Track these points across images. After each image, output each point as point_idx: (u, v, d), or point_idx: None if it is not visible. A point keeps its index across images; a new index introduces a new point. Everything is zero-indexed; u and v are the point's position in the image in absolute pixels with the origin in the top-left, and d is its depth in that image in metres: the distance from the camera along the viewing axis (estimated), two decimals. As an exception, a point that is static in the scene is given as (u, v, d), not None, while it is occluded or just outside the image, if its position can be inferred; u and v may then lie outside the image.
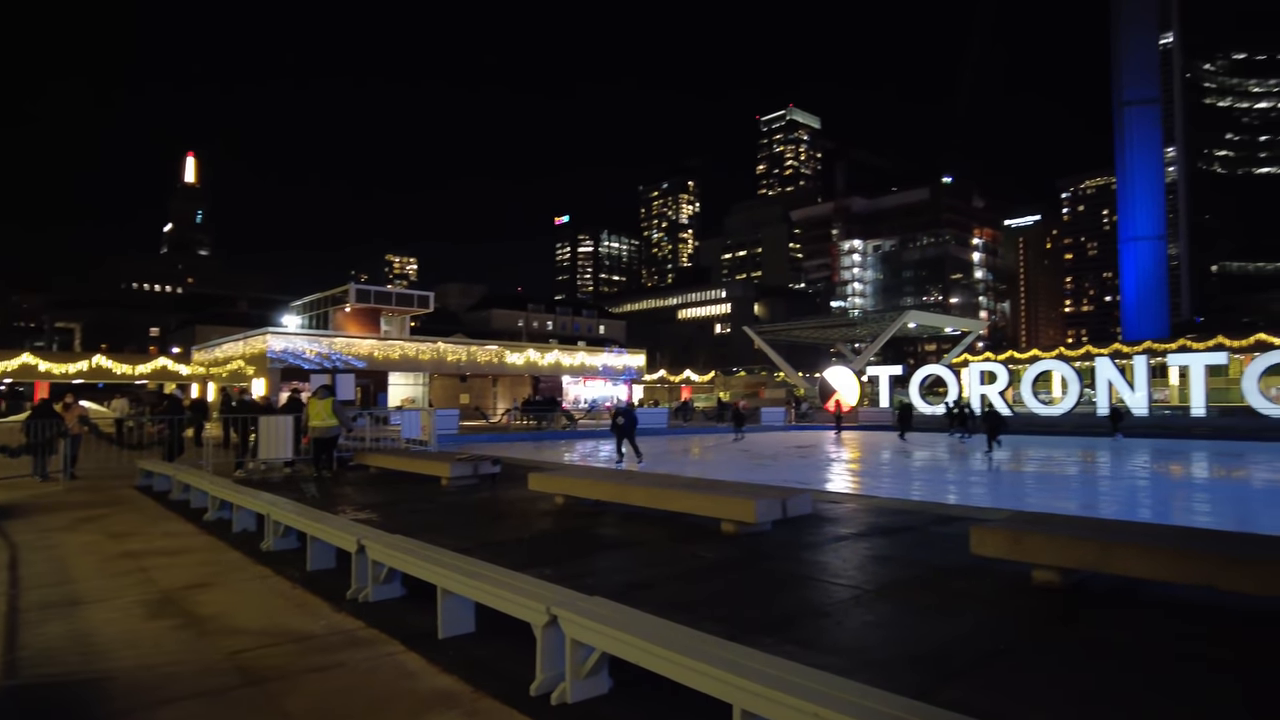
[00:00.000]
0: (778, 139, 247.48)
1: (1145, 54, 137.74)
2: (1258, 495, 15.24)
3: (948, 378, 40.43)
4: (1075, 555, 5.89)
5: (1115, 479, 18.20)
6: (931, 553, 7.70)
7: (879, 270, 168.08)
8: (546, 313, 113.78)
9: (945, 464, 21.60)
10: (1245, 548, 5.58)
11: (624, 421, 20.22)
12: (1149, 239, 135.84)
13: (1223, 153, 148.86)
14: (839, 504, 11.40)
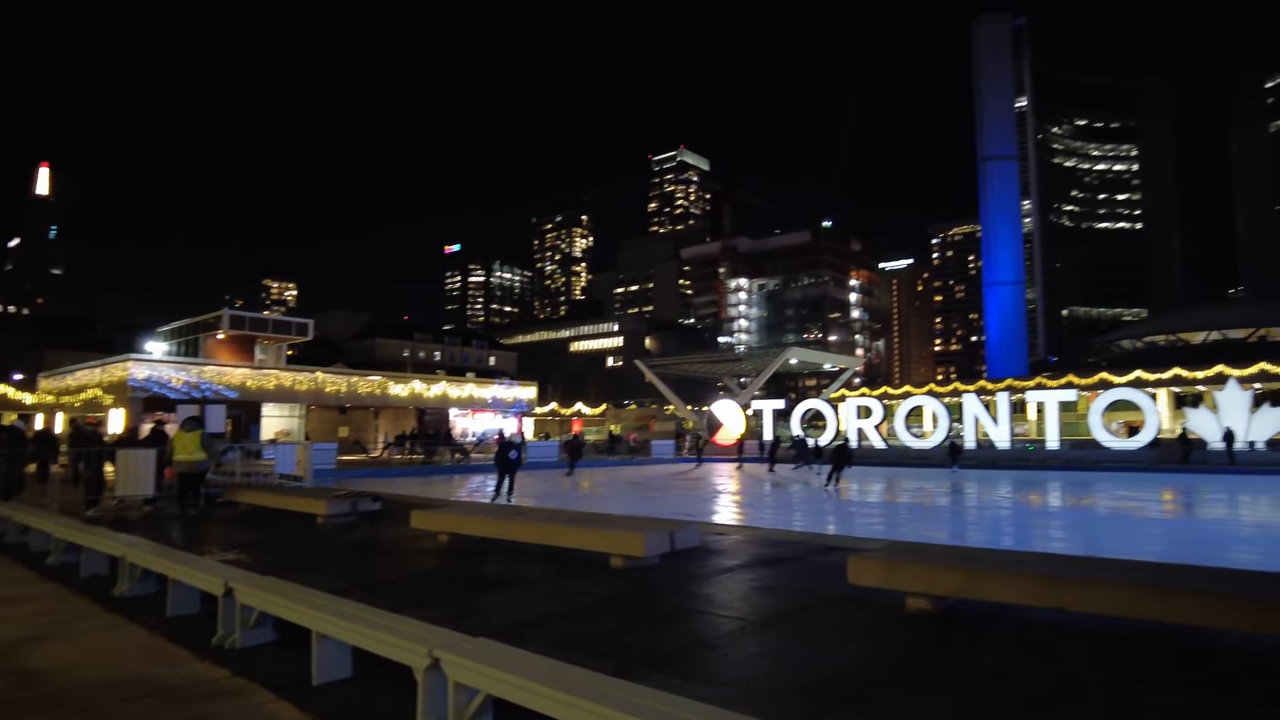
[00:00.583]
0: (669, 178, 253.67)
1: (1003, 116, 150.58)
2: (1102, 521, 16.52)
3: (827, 412, 42.07)
4: (945, 583, 6.22)
5: (981, 509, 19.34)
6: (813, 582, 7.94)
7: (764, 308, 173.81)
8: (434, 343, 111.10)
9: (823, 495, 22.38)
10: (1090, 570, 6.05)
11: (515, 456, 19.13)
12: (1009, 284, 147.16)
13: (1070, 208, 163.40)
14: (725, 535, 11.60)
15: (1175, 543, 13.44)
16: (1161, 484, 25.21)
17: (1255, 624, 5.19)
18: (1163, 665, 5.21)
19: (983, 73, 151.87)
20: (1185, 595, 5.30)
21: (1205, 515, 17.81)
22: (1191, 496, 21.58)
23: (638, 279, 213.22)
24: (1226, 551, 12.07)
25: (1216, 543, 13.17)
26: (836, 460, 23.57)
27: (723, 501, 20.99)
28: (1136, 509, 18.64)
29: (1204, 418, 34.72)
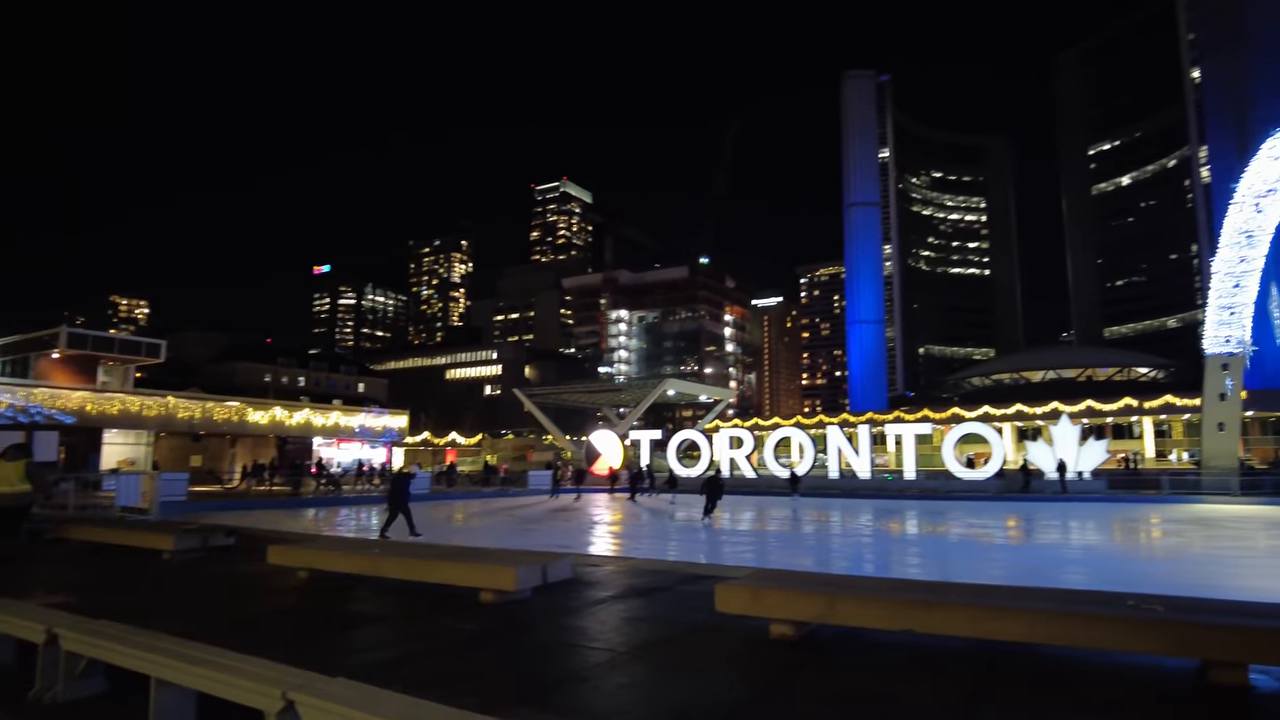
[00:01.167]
0: (552, 208, 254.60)
1: (867, 165, 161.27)
2: (953, 547, 17.66)
3: (702, 442, 42.97)
4: (806, 609, 6.49)
5: (845, 536, 20.23)
6: (683, 612, 8.08)
7: (643, 339, 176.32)
8: (299, 368, 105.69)
9: (697, 525, 22.79)
10: (935, 594, 6.48)
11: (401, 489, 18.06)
12: (871, 323, 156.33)
13: (926, 253, 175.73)
14: (599, 567, 11.61)
15: (1016, 566, 14.52)
16: (1006, 511, 27.19)
17: (1076, 638, 5.70)
18: (999, 681, 5.63)
19: (849, 124, 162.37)
20: (1016, 614, 5.76)
21: (1042, 540, 19.34)
22: (1031, 523, 23.38)
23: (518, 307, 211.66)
24: (1059, 573, 13.18)
25: (1051, 565, 14.34)
26: (709, 491, 23.17)
27: (598, 533, 21.00)
28: (983, 535, 20.02)
29: (1041, 450, 37.80)
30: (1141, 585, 11.14)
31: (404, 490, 18.03)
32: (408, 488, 18.14)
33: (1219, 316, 32.78)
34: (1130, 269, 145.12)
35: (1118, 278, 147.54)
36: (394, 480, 18.48)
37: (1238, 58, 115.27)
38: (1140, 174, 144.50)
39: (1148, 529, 21.48)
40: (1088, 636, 5.62)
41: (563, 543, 17.19)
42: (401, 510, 17.66)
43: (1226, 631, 5.22)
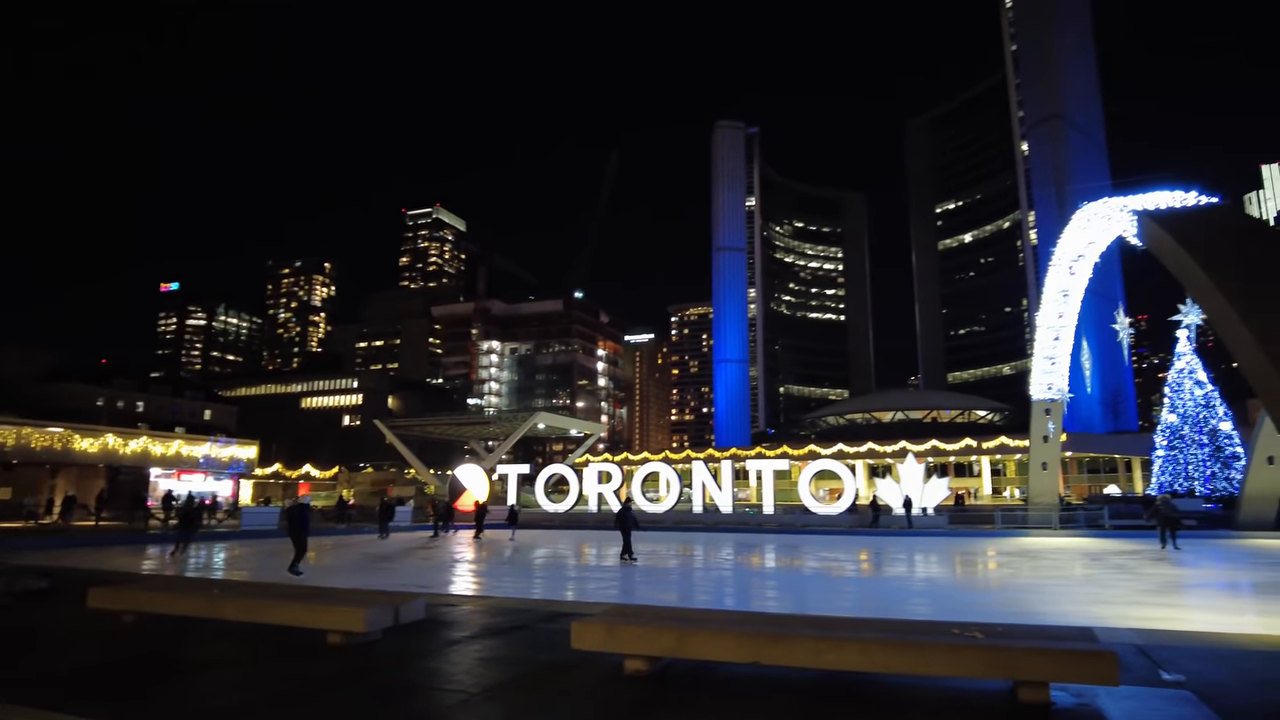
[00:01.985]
0: (423, 234, 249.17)
1: (735, 212, 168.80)
2: (807, 580, 18.36)
3: (571, 477, 42.79)
4: (659, 644, 6.61)
5: (706, 570, 20.63)
6: (539, 650, 8.02)
7: (514, 372, 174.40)
8: (138, 391, 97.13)
9: (564, 560, 22.61)
10: (780, 627, 6.77)
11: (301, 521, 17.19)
12: (736, 362, 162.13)
13: (788, 297, 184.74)
14: (456, 606, 11.33)
15: (864, 598, 15.27)
16: (857, 545, 28.54)
17: (907, 666, 6.11)
18: (837, 710, 5.94)
19: (719, 172, 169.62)
20: (853, 645, 6.11)
21: (889, 573, 20.43)
22: (879, 556, 24.66)
23: (384, 334, 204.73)
24: (904, 604, 13.96)
25: (897, 597, 15.17)
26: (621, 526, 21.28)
27: (459, 571, 20.44)
28: (835, 568, 20.93)
29: (890, 487, 40.07)
30: (973, 614, 12.01)
31: (304, 521, 17.17)
32: (307, 519, 17.30)
33: (1042, 366, 36.14)
34: (971, 319, 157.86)
35: (960, 327, 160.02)
36: (291, 512, 17.56)
37: (1056, 135, 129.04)
38: (980, 233, 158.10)
39: (982, 561, 23.14)
40: (916, 664, 6.04)
41: (420, 582, 16.64)
42: (297, 543, 16.89)
43: (1031, 654, 5.75)
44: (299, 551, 16.91)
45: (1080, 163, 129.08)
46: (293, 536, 17.01)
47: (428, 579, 17.53)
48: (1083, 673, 5.68)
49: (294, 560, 16.86)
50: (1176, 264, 11.17)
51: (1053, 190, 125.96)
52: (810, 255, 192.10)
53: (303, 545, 16.97)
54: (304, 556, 16.98)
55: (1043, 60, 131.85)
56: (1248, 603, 14.02)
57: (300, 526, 17.02)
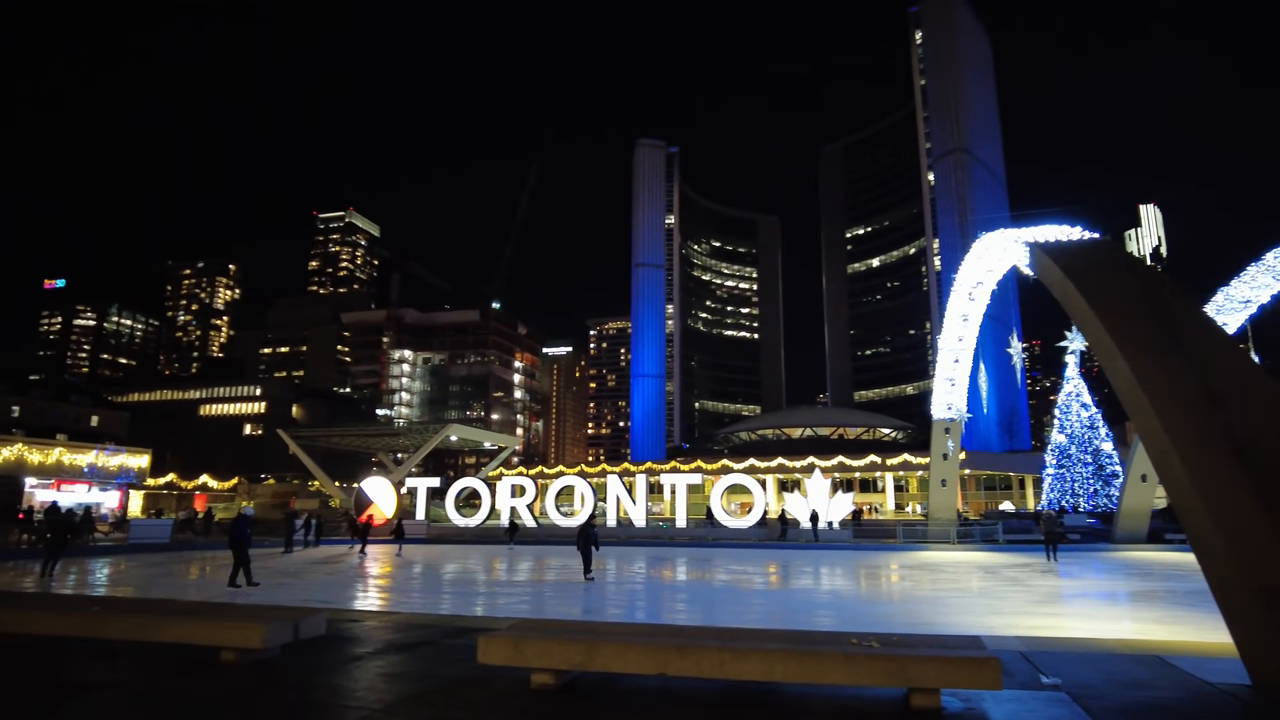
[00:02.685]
0: (335, 238, 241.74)
1: (655, 229, 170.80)
2: (716, 593, 18.61)
3: (483, 490, 42.14)
4: (567, 657, 6.62)
5: (618, 584, 20.64)
6: (444, 665, 7.89)
7: (427, 382, 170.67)
8: (15, 395, 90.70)
9: (474, 575, 22.25)
10: (686, 639, 6.88)
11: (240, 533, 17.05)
12: (653, 377, 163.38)
13: (704, 314, 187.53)
14: (360, 622, 11.02)
15: (770, 610, 15.60)
16: (765, 558, 29.09)
17: (808, 675, 6.30)
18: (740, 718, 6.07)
19: (640, 189, 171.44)
20: (757, 655, 6.27)
21: (796, 585, 20.92)
22: (786, 569, 25.21)
23: (290, 341, 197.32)
24: (809, 615, 14.33)
25: (803, 609, 15.55)
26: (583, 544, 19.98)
27: (364, 586, 19.85)
28: (744, 581, 21.29)
29: (798, 501, 41.03)
30: (874, 625, 12.45)
31: (244, 534, 17.07)
32: (247, 531, 17.17)
33: (943, 386, 37.81)
34: (877, 340, 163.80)
35: (867, 347, 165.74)
36: (232, 525, 17.44)
37: (960, 168, 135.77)
38: (887, 258, 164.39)
39: (884, 574, 23.96)
40: (816, 673, 6.24)
41: (323, 597, 16.09)
42: (239, 556, 16.85)
43: (923, 662, 6.03)
44: (238, 564, 16.91)
45: (981, 195, 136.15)
46: (233, 549, 17.01)
47: (331, 594, 16.96)
48: (970, 679, 5.99)
49: (233, 573, 16.89)
50: (1063, 294, 11.91)
51: (955, 220, 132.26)
52: (727, 274, 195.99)
53: (243, 558, 16.94)
54: (246, 568, 16.98)
55: (949, 97, 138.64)
56: (1119, 611, 15.00)
57: (240, 538, 17.02)
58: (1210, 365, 9.01)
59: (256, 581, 17.14)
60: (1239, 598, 7.30)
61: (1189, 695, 6.73)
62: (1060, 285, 11.94)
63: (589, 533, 20.02)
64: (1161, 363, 9.12)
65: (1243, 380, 8.83)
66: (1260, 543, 7.33)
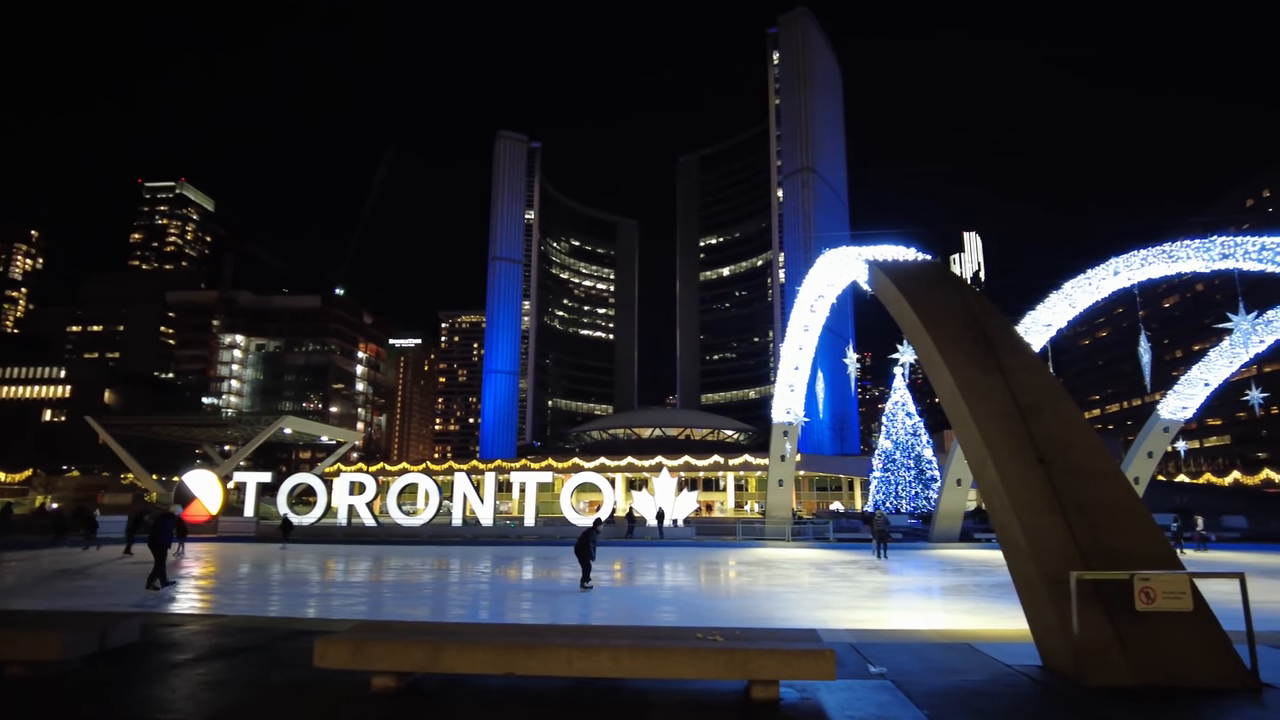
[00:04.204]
0: (162, 210, 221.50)
1: (514, 223, 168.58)
2: (563, 591, 18.59)
3: (319, 487, 40.02)
4: (410, 659, 6.40)
5: (462, 584, 20.19)
6: (276, 671, 7.42)
7: (260, 370, 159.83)
8: None
9: (308, 576, 21.07)
10: (534, 638, 6.83)
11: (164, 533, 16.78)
12: (507, 373, 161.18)
13: (560, 313, 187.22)
14: (179, 627, 10.16)
15: (616, 607, 15.75)
16: (612, 556, 29.36)
17: (655, 670, 6.42)
18: (589, 715, 6.09)
19: (499, 181, 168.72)
20: (605, 652, 6.33)
21: (641, 582, 21.26)
22: (632, 566, 25.58)
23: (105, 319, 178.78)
24: (654, 612, 14.59)
25: (648, 605, 15.82)
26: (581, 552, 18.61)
27: (185, 588, 18.31)
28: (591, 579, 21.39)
29: (645, 499, 41.79)
30: (715, 620, 12.87)
31: (166, 533, 16.85)
32: (169, 530, 16.98)
33: (783, 392, 39.65)
34: (724, 346, 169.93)
35: (715, 352, 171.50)
36: (156, 525, 16.90)
37: (807, 186, 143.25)
38: (737, 268, 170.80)
39: (724, 570, 24.82)
40: (663, 668, 6.37)
41: (135, 601, 14.70)
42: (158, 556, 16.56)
43: (764, 655, 6.30)
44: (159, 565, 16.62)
45: (825, 212, 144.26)
46: (153, 549, 16.63)
47: (146, 598, 15.53)
48: (807, 670, 6.31)
49: (152, 575, 16.56)
50: (896, 309, 12.78)
51: (801, 235, 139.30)
52: (585, 274, 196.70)
53: (162, 556, 16.65)
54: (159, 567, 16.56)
55: (799, 118, 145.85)
56: (935, 604, 16.32)
57: (160, 538, 16.69)
58: (1020, 381, 9.99)
59: (172, 580, 16.98)
60: (1035, 589, 8.13)
61: (991, 677, 7.42)
62: (895, 302, 12.85)
63: (591, 539, 18.73)
64: (981, 378, 10.02)
65: (1046, 396, 9.84)
66: (1054, 541, 8.21)
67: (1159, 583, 7.37)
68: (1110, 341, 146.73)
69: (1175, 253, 26.60)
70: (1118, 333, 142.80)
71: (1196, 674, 7.16)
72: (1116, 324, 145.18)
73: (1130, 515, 8.54)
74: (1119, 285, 29.24)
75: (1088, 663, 7.19)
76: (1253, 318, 27.80)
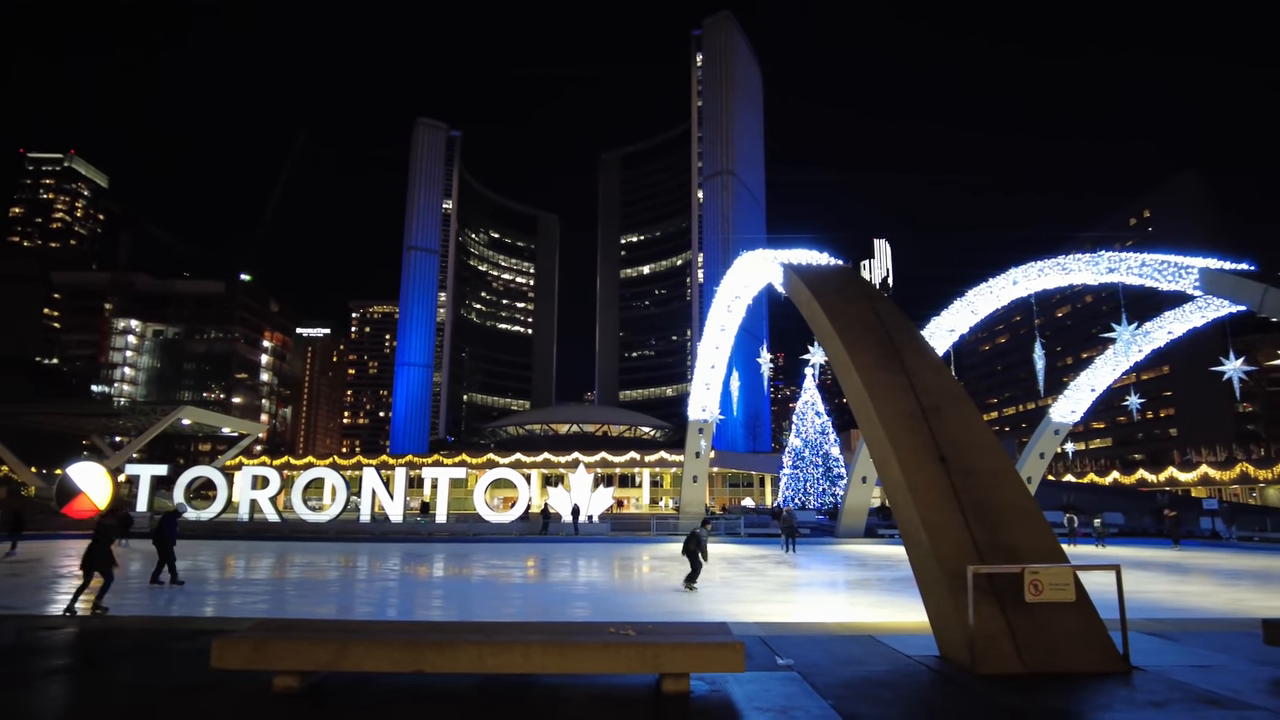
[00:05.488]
0: (48, 184, 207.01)
1: (431, 212, 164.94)
2: (475, 588, 18.37)
3: (219, 481, 38.30)
4: (314, 658, 6.21)
5: (370, 582, 19.69)
6: (168, 674, 7.08)
7: (157, 358, 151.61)
8: None
9: (206, 574, 20.15)
10: (443, 635, 6.74)
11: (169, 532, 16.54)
12: (420, 366, 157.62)
13: (478, 305, 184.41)
14: (59, 629, 9.56)
15: (529, 603, 15.68)
16: (526, 552, 29.19)
17: (567, 666, 6.43)
18: (499, 713, 6.05)
19: (417, 169, 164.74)
20: (517, 649, 6.29)
21: (555, 578, 21.19)
22: (546, 562, 25.47)
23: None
24: (567, 607, 14.58)
25: (561, 600, 15.79)
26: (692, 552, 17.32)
27: (67, 587, 17.23)
28: (504, 575, 21.21)
29: (561, 495, 41.63)
30: (628, 614, 12.95)
31: (171, 531, 16.59)
32: (174, 528, 16.77)
33: (699, 390, 40.20)
34: (643, 344, 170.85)
35: (634, 350, 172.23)
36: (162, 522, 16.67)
37: (726, 188, 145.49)
38: (657, 267, 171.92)
39: (638, 565, 24.99)
40: (575, 663, 6.39)
41: (10, 603, 13.75)
42: (166, 555, 16.40)
43: (675, 648, 6.39)
44: (165, 560, 16.56)
45: (744, 215, 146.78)
46: (158, 546, 16.55)
47: (22, 598, 14.55)
48: (717, 663, 6.44)
49: (156, 569, 16.61)
50: (809, 312, 13.13)
51: (719, 236, 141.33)
52: (504, 267, 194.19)
53: (168, 555, 16.52)
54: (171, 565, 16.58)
55: (721, 122, 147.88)
56: (840, 597, 16.87)
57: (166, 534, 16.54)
58: (923, 383, 10.43)
59: (181, 580, 16.64)
60: (935, 583, 8.52)
61: (892, 667, 7.74)
62: (807, 305, 13.21)
63: (699, 538, 17.78)
64: (887, 379, 10.41)
65: (947, 398, 10.31)
66: (953, 537, 8.62)
67: (1046, 575, 7.83)
68: (1008, 348, 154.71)
69: (1068, 265, 28.25)
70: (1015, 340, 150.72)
71: (1077, 659, 7.65)
72: (1015, 331, 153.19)
73: (1023, 513, 9.04)
74: (1018, 294, 30.89)
75: (981, 652, 7.58)
76: (1133, 329, 29.75)
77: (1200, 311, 29.58)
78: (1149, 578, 20.01)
